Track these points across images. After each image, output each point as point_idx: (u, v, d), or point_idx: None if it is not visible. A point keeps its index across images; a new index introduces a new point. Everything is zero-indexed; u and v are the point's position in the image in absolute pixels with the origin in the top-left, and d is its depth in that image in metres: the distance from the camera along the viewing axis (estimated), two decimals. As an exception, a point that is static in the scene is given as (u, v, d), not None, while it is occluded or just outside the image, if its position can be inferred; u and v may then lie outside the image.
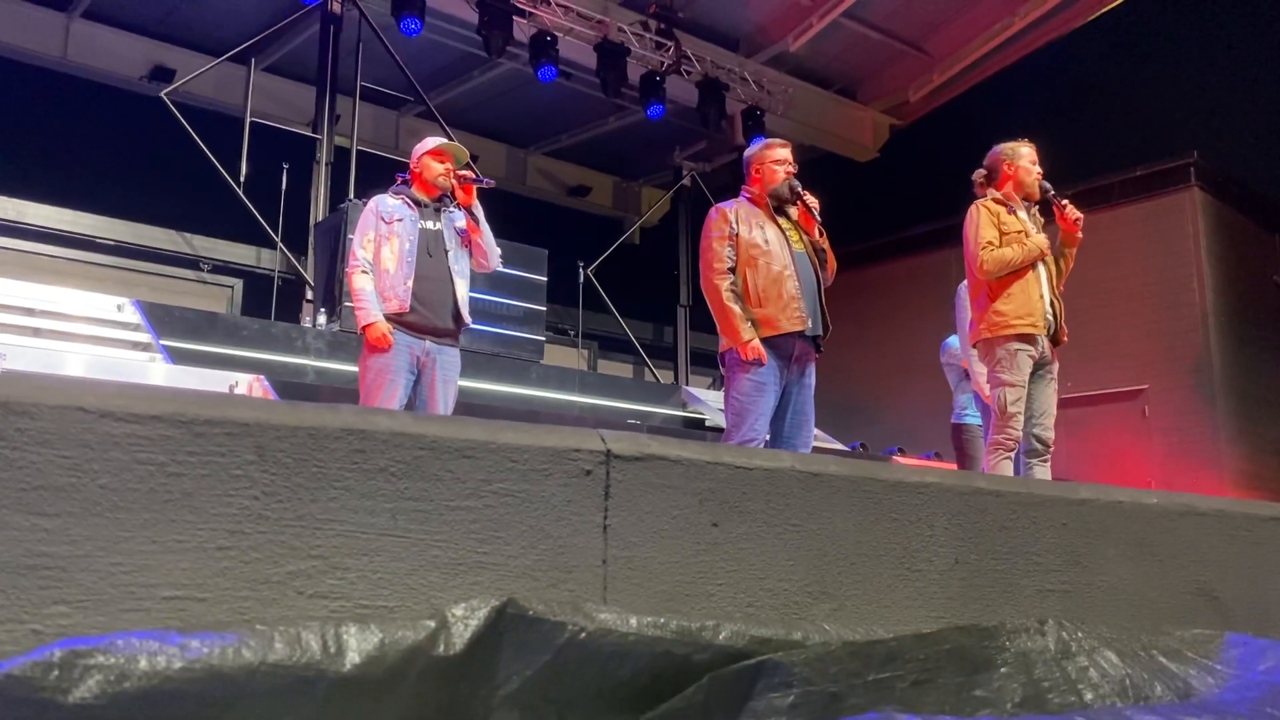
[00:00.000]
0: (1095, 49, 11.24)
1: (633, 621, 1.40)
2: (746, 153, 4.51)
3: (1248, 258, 10.79)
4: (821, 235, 4.35)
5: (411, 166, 4.58)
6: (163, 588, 1.21)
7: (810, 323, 4.15)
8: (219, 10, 9.93)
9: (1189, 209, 10.31)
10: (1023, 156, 4.45)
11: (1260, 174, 10.77)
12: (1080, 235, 4.43)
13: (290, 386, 6.59)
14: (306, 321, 8.46)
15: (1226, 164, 10.64)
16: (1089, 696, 1.62)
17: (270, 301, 9.38)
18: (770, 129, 11.21)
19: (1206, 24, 10.80)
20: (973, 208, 4.45)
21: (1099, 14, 11.08)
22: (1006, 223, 4.36)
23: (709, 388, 10.52)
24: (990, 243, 4.32)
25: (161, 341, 6.73)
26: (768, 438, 4.21)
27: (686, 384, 10.98)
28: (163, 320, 7.03)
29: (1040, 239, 4.32)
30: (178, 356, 6.57)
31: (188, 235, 10.34)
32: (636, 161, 13.56)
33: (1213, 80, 10.70)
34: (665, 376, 11.54)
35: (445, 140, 4.63)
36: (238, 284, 10.66)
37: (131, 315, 7.18)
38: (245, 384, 5.99)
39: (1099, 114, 10.87)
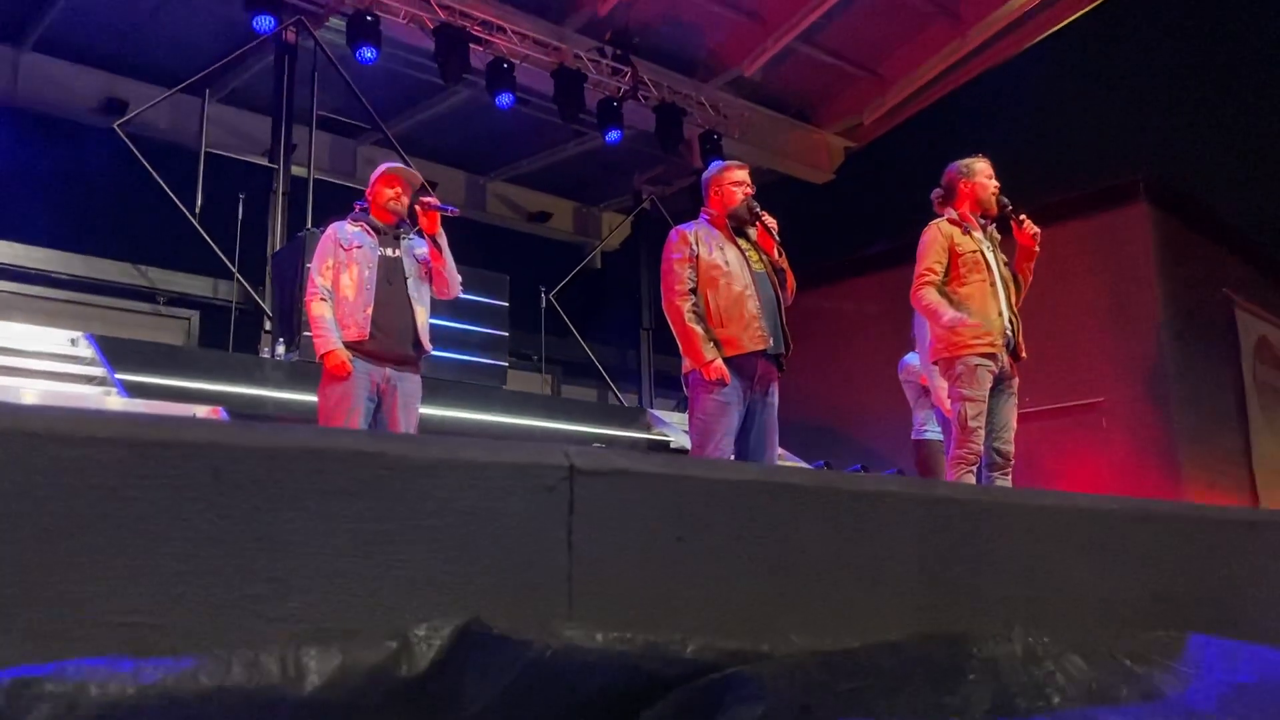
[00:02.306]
0: (1044, 69, 11.45)
1: (599, 637, 1.39)
2: (705, 175, 4.55)
3: (1199, 271, 11.00)
4: (780, 255, 4.39)
5: (368, 194, 4.57)
6: (115, 614, 1.18)
7: (772, 341, 4.18)
8: (172, 41, 9.85)
9: (1140, 225, 10.50)
10: (978, 172, 4.52)
11: (1208, 189, 11.00)
12: (1038, 250, 4.49)
13: (249, 418, 6.50)
14: (265, 352, 8.37)
15: (1175, 180, 10.86)
16: (1056, 700, 1.63)
17: (228, 333, 9.27)
18: (728, 152, 11.29)
19: (1153, 43, 11.06)
20: (928, 228, 4.50)
21: (1046, 34, 11.31)
22: (961, 243, 4.41)
23: (673, 410, 10.52)
24: (930, 270, 4.36)
25: (117, 375, 6.62)
26: (732, 457, 4.22)
27: (651, 406, 10.97)
28: (118, 354, 6.92)
29: (968, 321, 4.24)
30: (134, 390, 6.46)
31: (143, 268, 10.21)
32: (596, 186, 13.60)
33: (1161, 97, 10.94)
34: (629, 400, 11.53)
35: (398, 165, 4.63)
36: (194, 316, 10.52)
37: (85, 349, 7.06)
38: (203, 416, 5.91)
39: (1050, 132, 11.07)
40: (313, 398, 4.55)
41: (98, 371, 6.77)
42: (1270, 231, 11.68)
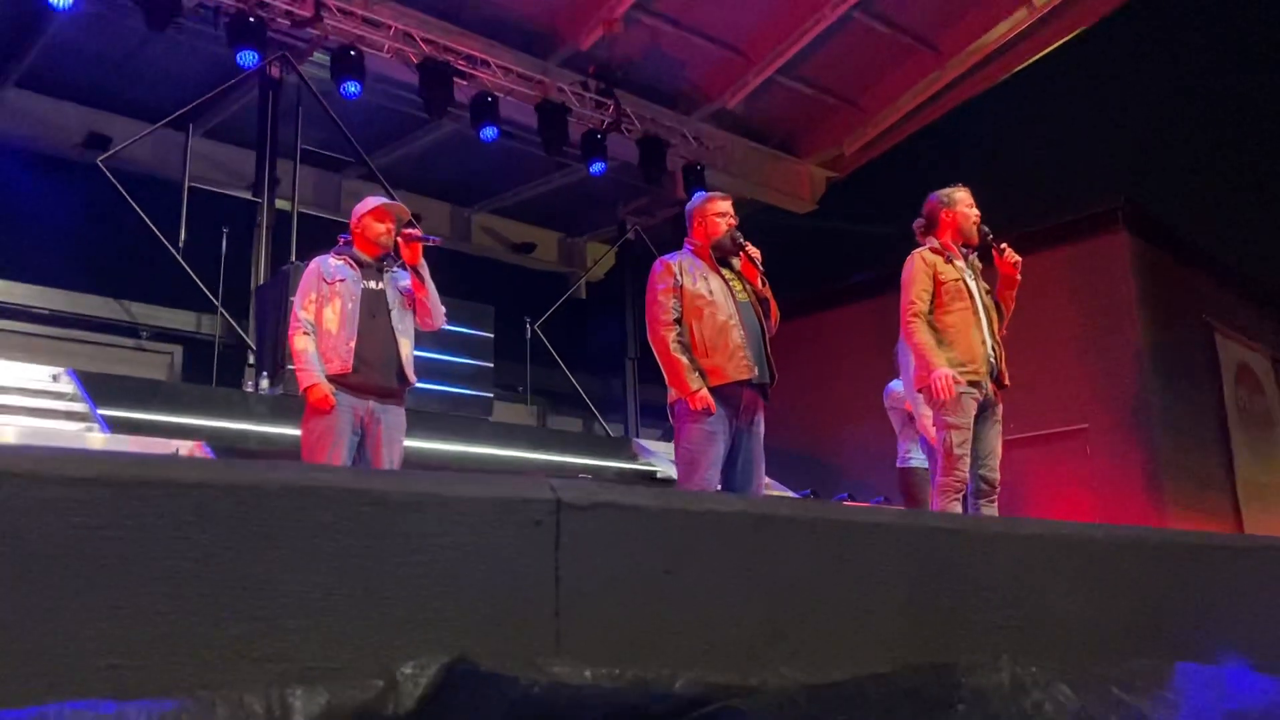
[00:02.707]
0: (1023, 98, 11.59)
1: (587, 673, 1.38)
2: (688, 206, 4.57)
3: (1178, 297, 11.09)
4: (764, 285, 4.41)
5: (352, 227, 4.57)
6: (98, 656, 1.16)
7: (757, 371, 4.19)
8: (155, 77, 9.87)
9: (1119, 252, 10.60)
10: (959, 201, 4.55)
11: (1186, 216, 11.12)
12: (1019, 278, 4.52)
13: (232, 452, 6.45)
14: (249, 386, 8.32)
15: (1154, 207, 10.97)
16: (1046, 731, 1.62)
17: (211, 367, 9.22)
18: (711, 183, 11.35)
19: (1130, 72, 11.21)
20: (910, 257, 4.52)
21: (1025, 65, 11.46)
22: (944, 272, 4.44)
23: (659, 439, 10.51)
24: (917, 301, 4.38)
25: (99, 411, 6.57)
26: (719, 487, 4.21)
27: (637, 436, 10.96)
28: (100, 389, 6.87)
29: (947, 375, 4.23)
30: (116, 425, 6.41)
31: (126, 303, 10.16)
32: (580, 217, 13.65)
33: (1137, 126, 11.08)
34: (615, 430, 11.51)
35: (386, 200, 4.63)
36: (178, 350, 10.47)
37: (67, 385, 7.02)
38: (186, 451, 5.87)
39: (1029, 161, 11.18)
40: (296, 432, 4.53)
41: (80, 407, 6.72)
42: (1248, 258, 11.80)
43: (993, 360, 4.40)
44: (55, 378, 7.13)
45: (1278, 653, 2.13)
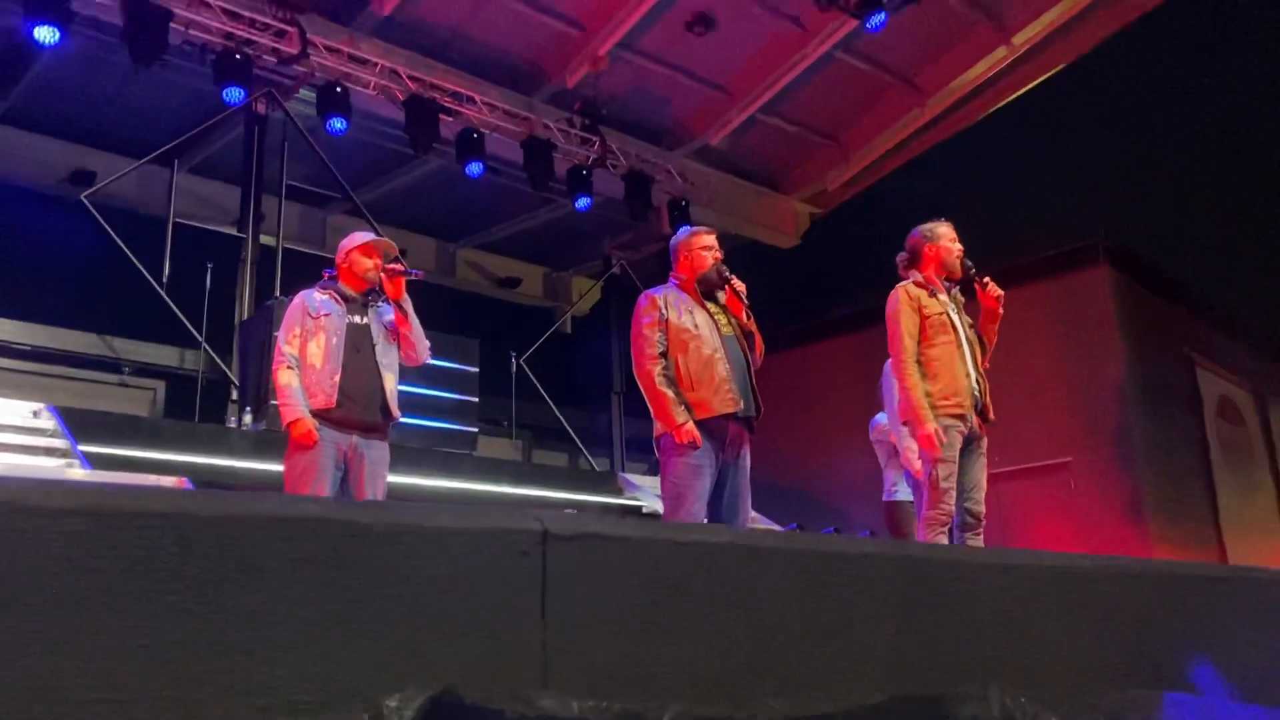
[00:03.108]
0: (1003, 135, 11.73)
1: (574, 706, 1.37)
2: (673, 240, 4.59)
3: (1159, 330, 11.18)
4: (749, 319, 4.42)
5: (338, 262, 4.56)
6: (79, 690, 1.15)
7: (743, 404, 4.19)
8: (141, 113, 9.89)
9: (1101, 287, 10.69)
10: (942, 236, 4.58)
11: (1166, 250, 11.24)
12: (1002, 311, 4.55)
13: (215, 488, 6.40)
14: (232, 421, 8.28)
15: (1135, 242, 11.09)
16: (1035, 762, 1.61)
17: (194, 403, 9.17)
18: (696, 219, 11.43)
19: (1108, 109, 11.37)
20: (894, 292, 4.54)
21: (1004, 102, 11.60)
22: (928, 305, 4.47)
23: (645, 474, 10.48)
24: (906, 338, 4.38)
25: (80, 447, 6.51)
26: (705, 520, 4.20)
27: (623, 470, 10.93)
28: (81, 425, 6.82)
29: (930, 428, 4.25)
30: (97, 462, 6.35)
31: (108, 338, 10.11)
32: (566, 252, 13.70)
33: (1117, 161, 11.21)
34: (601, 464, 11.48)
35: (373, 235, 4.63)
36: (160, 386, 10.41)
37: (48, 421, 6.96)
38: (168, 487, 5.81)
39: (1011, 197, 11.29)
40: (280, 467, 4.50)
41: (60, 443, 6.66)
42: (1227, 292, 11.92)
43: (977, 393, 4.41)
44: (36, 414, 7.07)
45: (1261, 681, 2.13)
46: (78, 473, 6.06)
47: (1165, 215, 11.17)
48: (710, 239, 4.50)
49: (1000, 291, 4.52)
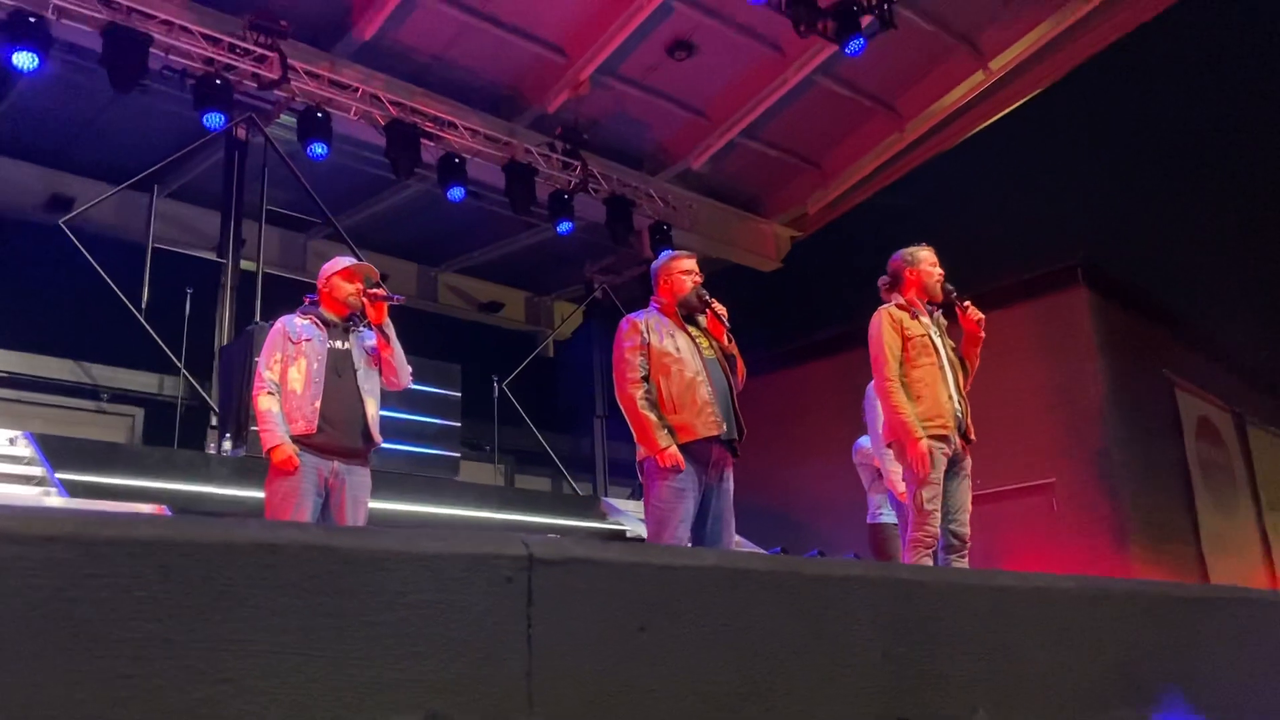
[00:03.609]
0: (982, 159, 11.84)
1: (561, 732, 1.36)
2: (654, 265, 4.60)
3: (1138, 352, 11.27)
4: (730, 342, 4.42)
5: (320, 286, 4.55)
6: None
7: (725, 426, 4.19)
8: (120, 138, 9.86)
9: (1079, 308, 10.78)
10: (922, 260, 4.61)
11: (1145, 272, 11.35)
12: (983, 334, 4.58)
13: (195, 515, 6.34)
14: (211, 448, 8.21)
15: (1112, 264, 11.19)
16: (1023, 785, 1.61)
17: (173, 429, 9.10)
18: (677, 242, 11.47)
19: (1086, 132, 11.50)
20: (876, 315, 4.57)
21: (983, 127, 11.72)
22: (910, 328, 4.49)
23: (628, 498, 10.45)
24: (889, 361, 4.40)
25: (57, 475, 6.44)
26: (689, 544, 4.18)
27: (606, 495, 10.89)
28: (58, 452, 6.75)
29: (920, 442, 4.27)
30: (75, 490, 6.28)
31: (86, 365, 10.03)
32: (548, 276, 13.71)
33: (1095, 183, 11.34)
34: (584, 489, 11.44)
35: (355, 260, 4.62)
36: (139, 413, 10.32)
37: (24, 449, 6.88)
38: (146, 515, 5.75)
39: (989, 220, 11.39)
40: (260, 494, 4.46)
41: (37, 471, 6.58)
42: (1205, 314, 12.03)
43: (959, 415, 4.43)
44: (12, 441, 6.99)
45: (1242, 701, 2.13)
46: (55, 500, 5.99)
47: (1144, 237, 11.29)
48: (690, 263, 4.51)
49: (980, 315, 4.55)
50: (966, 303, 4.56)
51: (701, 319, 4.45)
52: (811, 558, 7.95)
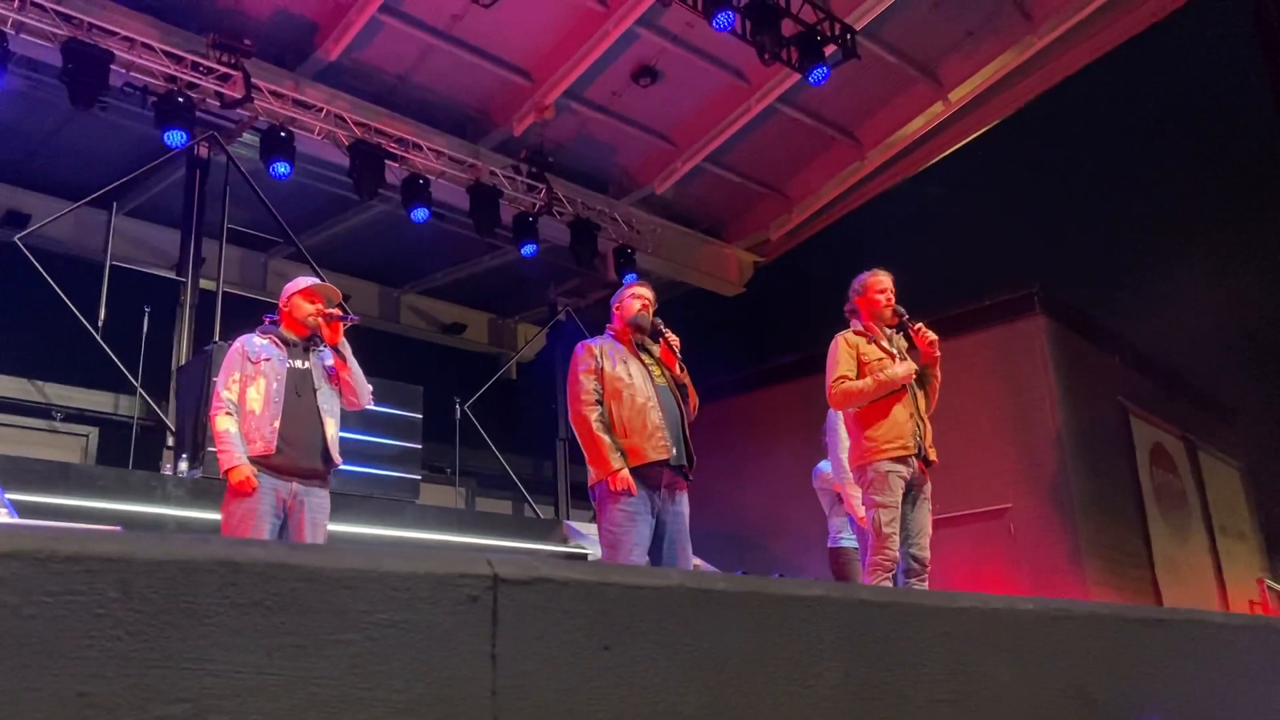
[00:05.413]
0: (941, 186, 12.03)
1: (525, 753, 1.35)
2: (613, 297, 4.66)
3: (1093, 379, 11.45)
4: (682, 371, 4.47)
5: (281, 306, 4.52)
6: (12, 741, 1.11)
7: (675, 451, 4.22)
8: (78, 155, 9.73)
9: (1036, 336, 10.95)
10: (869, 288, 4.70)
11: (1098, 300, 11.57)
12: (938, 355, 4.64)
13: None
14: (167, 469, 8.09)
15: (1067, 292, 11.39)
16: (984, 804, 1.62)
17: (129, 450, 8.95)
18: (641, 266, 11.52)
19: (1043, 163, 11.72)
20: (834, 340, 4.64)
21: (942, 156, 11.90)
22: (866, 352, 4.56)
23: (589, 521, 10.42)
24: (843, 377, 4.49)
25: (6, 495, 6.30)
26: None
27: (568, 518, 10.85)
28: (8, 472, 6.61)
29: (897, 370, 4.47)
30: (25, 510, 6.16)
31: (39, 383, 9.85)
32: (511, 298, 13.69)
33: (1051, 213, 11.56)
34: (546, 512, 11.39)
35: (316, 280, 4.59)
36: (93, 432, 10.14)
37: (-27, 468, 6.73)
38: (99, 536, 5.64)
39: (948, 248, 11.56)
40: (216, 516, 4.40)
41: (-14, 491, 6.44)
42: (1158, 342, 12.27)
43: (919, 438, 4.48)
44: (-39, 461, 6.84)
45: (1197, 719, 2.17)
46: (5, 521, 5.86)
47: (1098, 266, 11.50)
48: (643, 289, 4.56)
49: (933, 336, 4.62)
50: (919, 325, 4.63)
51: (655, 348, 4.48)
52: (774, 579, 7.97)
